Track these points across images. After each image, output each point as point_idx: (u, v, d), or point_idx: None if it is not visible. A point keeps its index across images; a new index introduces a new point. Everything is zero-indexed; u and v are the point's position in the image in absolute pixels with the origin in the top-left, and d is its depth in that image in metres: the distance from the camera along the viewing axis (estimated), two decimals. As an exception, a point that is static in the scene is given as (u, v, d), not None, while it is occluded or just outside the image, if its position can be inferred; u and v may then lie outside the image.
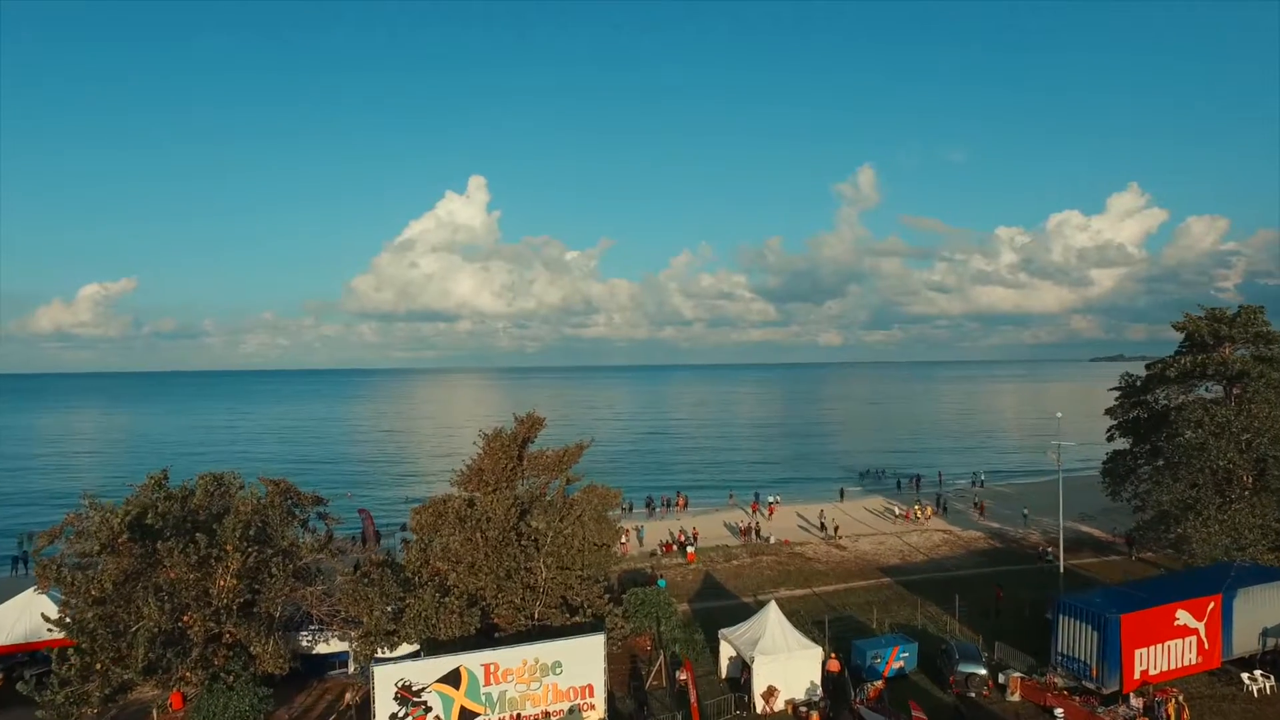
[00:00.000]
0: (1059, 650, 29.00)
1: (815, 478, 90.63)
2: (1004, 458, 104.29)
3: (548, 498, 32.32)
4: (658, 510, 69.28)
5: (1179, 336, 46.61)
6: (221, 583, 24.01)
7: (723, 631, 31.14)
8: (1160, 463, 41.39)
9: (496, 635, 28.23)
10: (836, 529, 58.25)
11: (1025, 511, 60.85)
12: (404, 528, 58.35)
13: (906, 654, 30.82)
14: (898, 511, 64.63)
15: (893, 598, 41.99)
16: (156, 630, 22.98)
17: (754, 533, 56.74)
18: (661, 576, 44.89)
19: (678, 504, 70.29)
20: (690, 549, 52.93)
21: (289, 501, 30.17)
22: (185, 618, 23.41)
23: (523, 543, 28.93)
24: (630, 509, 68.91)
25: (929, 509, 62.49)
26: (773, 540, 55.57)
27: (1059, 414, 69.70)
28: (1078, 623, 28.07)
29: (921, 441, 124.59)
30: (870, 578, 46.64)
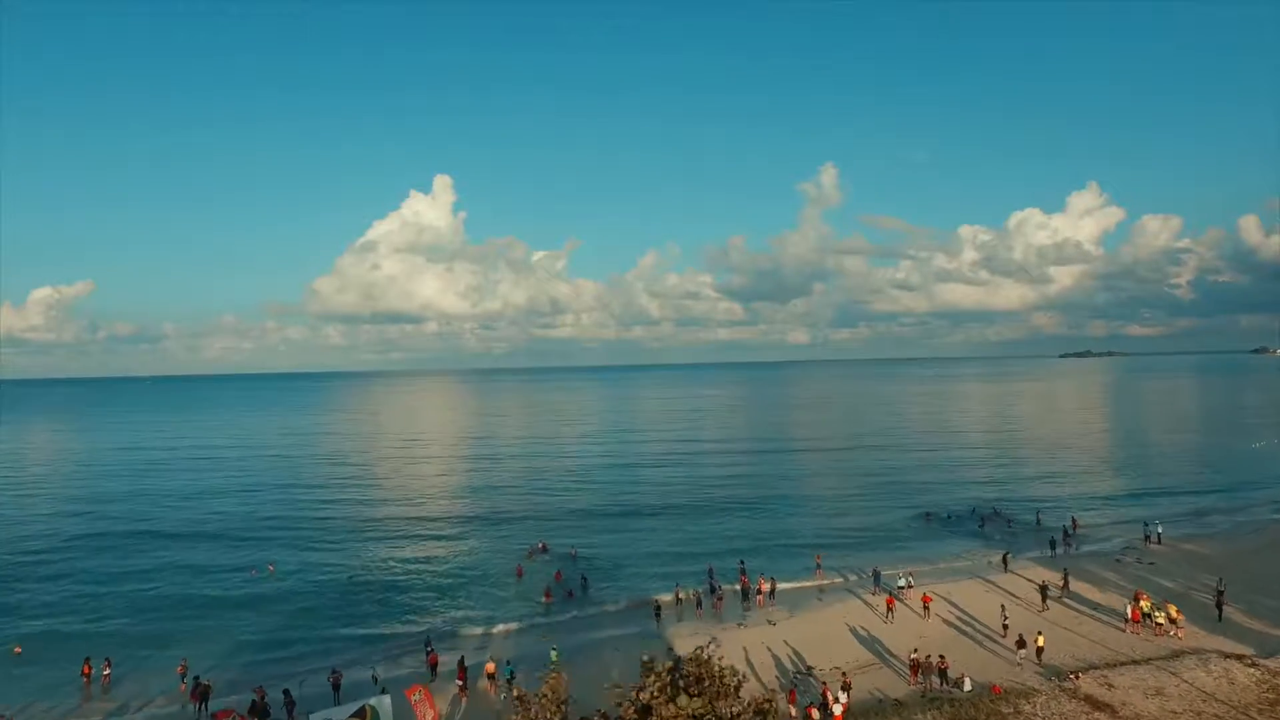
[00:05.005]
0: None
1: (884, 518, 68.02)
2: (1130, 501, 75.00)
3: None
4: (721, 601, 46.03)
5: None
6: None
7: None
8: None
9: None
10: (1041, 648, 35.82)
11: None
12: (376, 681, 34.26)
13: None
14: (1097, 600, 42.41)
15: None
16: None
17: (940, 676, 33.65)
18: None
19: (759, 592, 46.84)
20: (839, 703, 30.42)
21: None
22: None
23: None
24: (688, 601, 45.74)
25: (1174, 608, 39.93)
26: (968, 685, 32.80)
27: None
28: None
29: (995, 463, 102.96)
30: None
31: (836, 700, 30.88)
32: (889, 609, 42.40)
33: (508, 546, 61.00)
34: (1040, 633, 37.12)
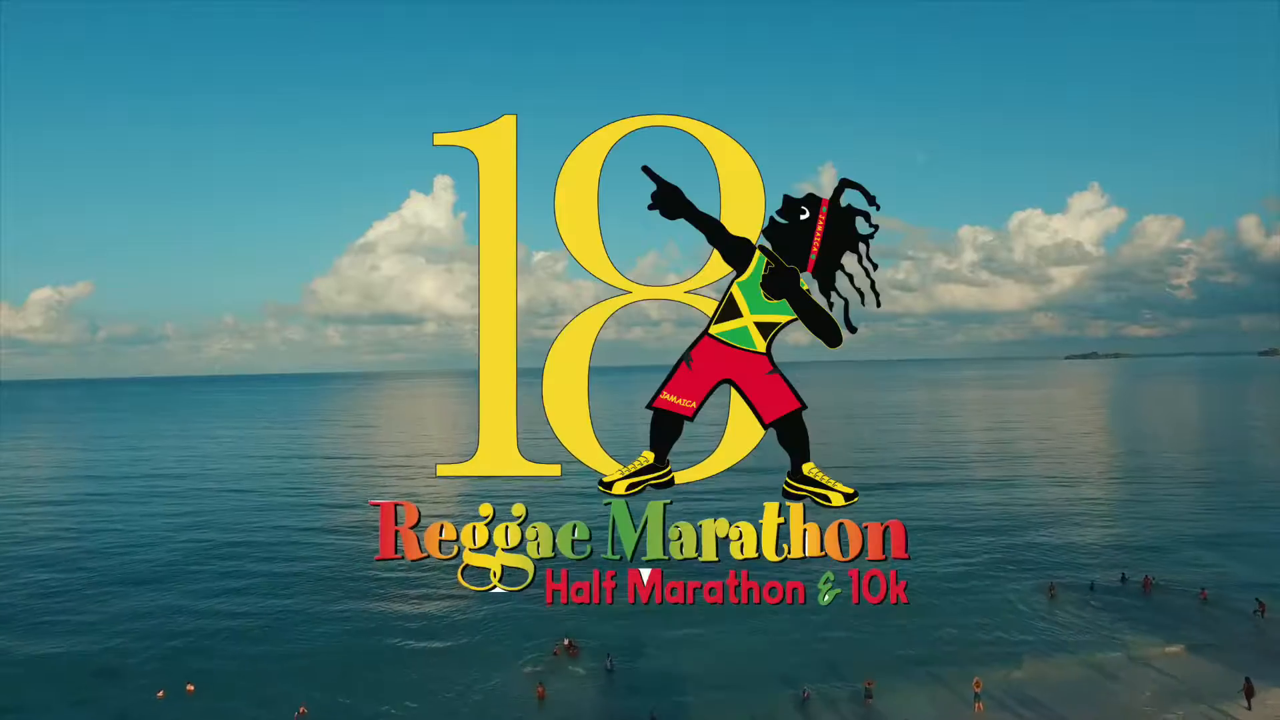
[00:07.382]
0: None
1: (1003, 597, 52.52)
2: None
3: None
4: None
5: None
6: None
7: None
8: None
9: None
10: None
11: None
12: None
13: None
14: None
15: None
16: None
17: None
18: None
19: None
20: None
21: None
22: None
23: None
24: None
25: None
26: None
27: None
28: None
29: (1094, 501, 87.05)
30: None
31: None
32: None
33: (519, 648, 44.98)
34: None
